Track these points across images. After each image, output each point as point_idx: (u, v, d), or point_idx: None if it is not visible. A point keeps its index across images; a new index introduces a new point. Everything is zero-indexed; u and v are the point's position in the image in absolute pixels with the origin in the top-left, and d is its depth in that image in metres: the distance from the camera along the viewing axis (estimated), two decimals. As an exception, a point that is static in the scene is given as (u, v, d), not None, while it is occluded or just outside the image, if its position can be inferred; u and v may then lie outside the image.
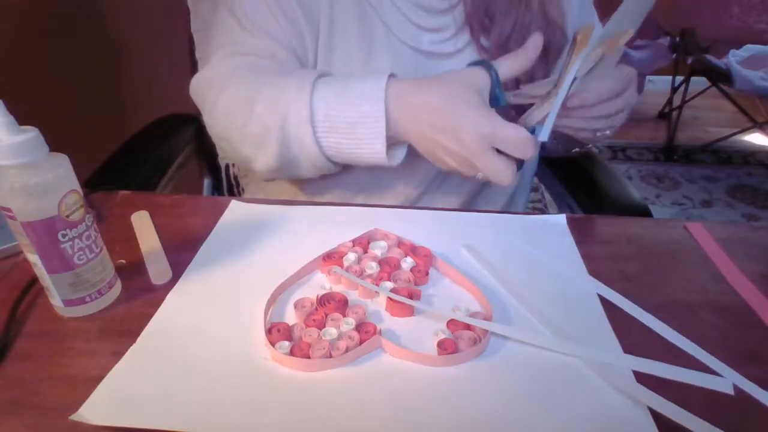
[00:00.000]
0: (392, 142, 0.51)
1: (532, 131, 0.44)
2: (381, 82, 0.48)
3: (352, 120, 0.49)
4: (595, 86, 0.48)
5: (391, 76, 0.49)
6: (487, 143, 0.44)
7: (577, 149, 0.66)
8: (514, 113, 0.50)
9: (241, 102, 0.52)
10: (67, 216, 0.37)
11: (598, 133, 0.54)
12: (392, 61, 0.58)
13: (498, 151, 0.44)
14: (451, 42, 0.60)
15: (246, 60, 0.56)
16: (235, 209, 0.54)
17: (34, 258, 0.37)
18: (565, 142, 0.64)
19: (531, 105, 0.48)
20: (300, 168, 0.54)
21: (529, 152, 0.43)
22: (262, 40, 0.57)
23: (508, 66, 0.48)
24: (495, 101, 0.48)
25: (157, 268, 0.45)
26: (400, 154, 0.52)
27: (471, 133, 0.44)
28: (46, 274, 0.38)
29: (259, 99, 0.51)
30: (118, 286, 0.43)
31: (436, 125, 0.46)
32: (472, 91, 0.46)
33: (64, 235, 0.37)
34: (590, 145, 0.65)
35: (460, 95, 0.46)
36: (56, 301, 0.39)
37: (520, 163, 0.45)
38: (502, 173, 0.44)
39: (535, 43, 0.48)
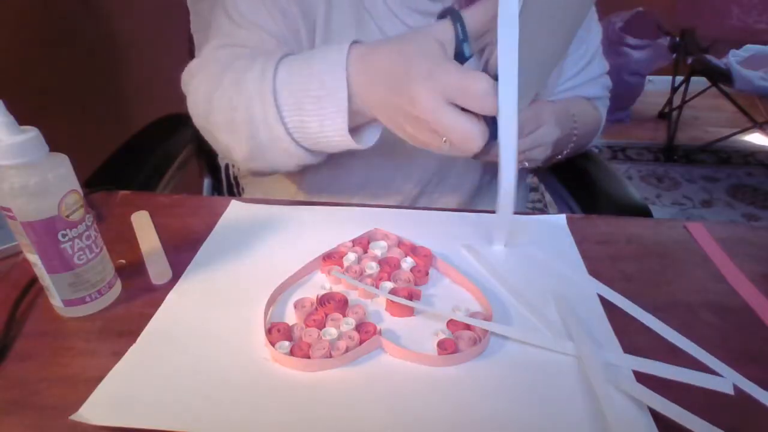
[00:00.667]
0: (362, 121, 0.47)
1: (496, 78, 0.38)
2: (343, 50, 0.44)
3: (315, 94, 0.45)
4: None
5: (355, 42, 0.45)
6: (445, 99, 0.38)
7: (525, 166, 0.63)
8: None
9: (211, 85, 0.51)
10: (67, 216, 0.37)
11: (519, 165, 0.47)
12: None
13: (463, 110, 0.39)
14: None
15: (231, 50, 0.55)
16: (235, 209, 0.54)
17: (34, 258, 0.37)
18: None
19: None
20: (275, 156, 0.51)
21: (493, 103, 0.38)
22: (252, 32, 0.55)
23: (476, 13, 0.42)
24: (461, 56, 0.42)
25: (157, 268, 0.45)
26: (370, 135, 0.49)
27: (426, 88, 0.38)
28: (46, 274, 0.38)
29: (226, 83, 0.50)
30: (118, 286, 0.43)
31: (393, 87, 0.41)
32: (431, 45, 0.41)
33: (64, 235, 0.37)
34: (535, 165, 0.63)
35: (416, 51, 0.41)
36: (56, 301, 0.39)
37: (491, 126, 0.39)
38: (468, 134, 0.39)
39: None
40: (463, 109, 0.39)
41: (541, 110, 0.56)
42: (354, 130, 0.47)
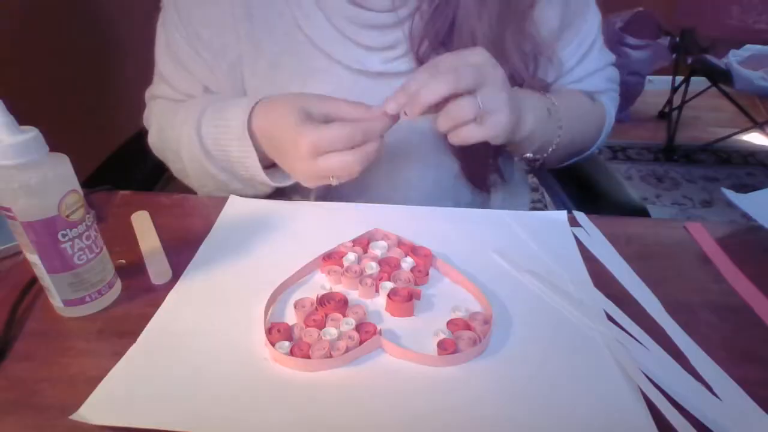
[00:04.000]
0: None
1: None
2: (245, 116, 0.51)
3: (234, 160, 0.54)
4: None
5: (259, 102, 0.51)
6: (315, 153, 0.45)
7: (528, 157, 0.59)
8: None
9: (156, 141, 0.62)
10: (67, 216, 0.37)
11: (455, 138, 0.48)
12: (333, 90, 0.52)
13: None
14: (405, 59, 0.56)
15: (164, 104, 0.62)
16: (234, 205, 0.54)
17: (34, 258, 0.37)
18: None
19: None
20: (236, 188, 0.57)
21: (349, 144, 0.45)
22: (184, 79, 0.61)
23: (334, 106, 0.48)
24: None
25: (157, 268, 0.45)
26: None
27: (300, 151, 0.46)
28: (46, 274, 0.38)
29: (165, 139, 0.59)
30: (118, 286, 0.43)
31: (274, 149, 0.51)
32: (295, 109, 0.46)
33: (64, 235, 0.37)
34: (534, 159, 0.59)
35: (283, 116, 0.47)
36: (56, 301, 0.39)
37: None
38: (345, 168, 0.46)
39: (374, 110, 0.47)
40: None
41: (490, 68, 0.46)
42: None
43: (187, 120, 0.55)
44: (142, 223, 0.51)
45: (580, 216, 0.54)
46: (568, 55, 0.63)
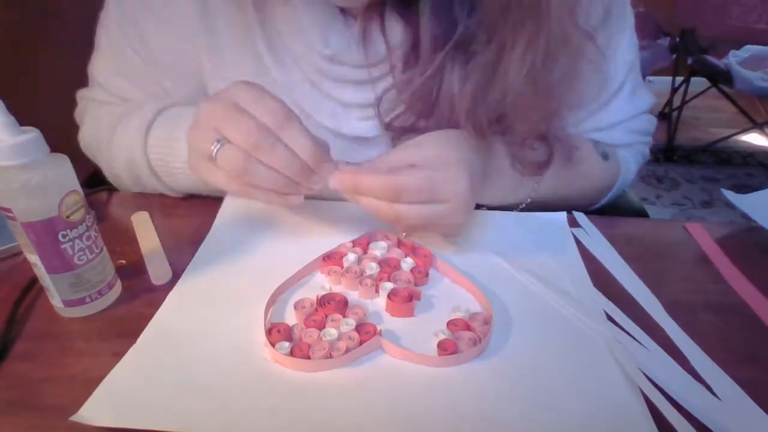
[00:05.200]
0: None
1: None
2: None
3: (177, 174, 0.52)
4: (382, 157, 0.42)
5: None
6: (236, 171, 0.40)
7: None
8: None
9: (94, 144, 0.58)
10: (68, 216, 0.37)
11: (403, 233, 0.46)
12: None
13: None
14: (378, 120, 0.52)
15: (108, 109, 0.57)
16: (231, 205, 0.54)
17: (34, 258, 0.37)
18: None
19: None
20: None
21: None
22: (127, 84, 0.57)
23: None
24: None
25: (157, 268, 0.45)
26: None
27: (223, 156, 0.40)
28: (46, 274, 0.38)
29: (104, 149, 0.55)
30: (118, 287, 0.43)
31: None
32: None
33: (64, 236, 0.37)
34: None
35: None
36: (56, 301, 0.39)
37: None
38: (230, 162, 0.39)
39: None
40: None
41: (445, 180, 0.41)
42: None
43: (129, 129, 0.52)
44: (142, 224, 0.51)
45: (579, 216, 0.54)
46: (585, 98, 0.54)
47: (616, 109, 0.57)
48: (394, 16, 0.48)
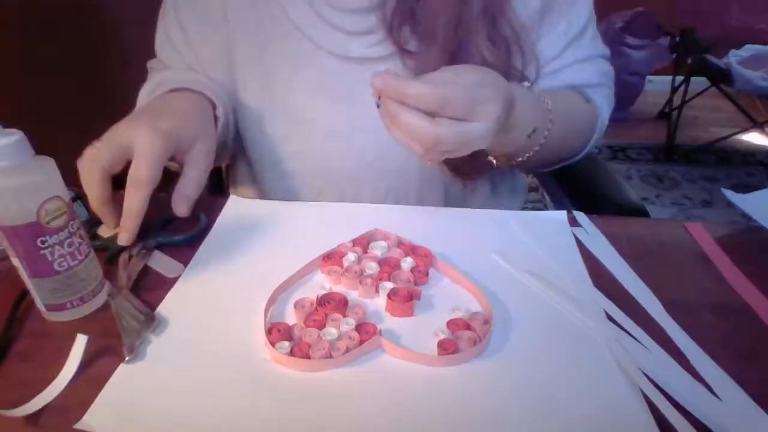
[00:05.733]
0: None
1: None
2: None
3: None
4: (415, 84, 0.41)
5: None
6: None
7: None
8: None
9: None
10: (48, 222, 0.36)
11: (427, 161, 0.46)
12: (320, 74, 0.56)
13: None
14: (382, 45, 0.56)
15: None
16: (234, 206, 0.54)
17: (16, 262, 0.37)
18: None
19: None
20: None
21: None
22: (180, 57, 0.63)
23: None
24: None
25: (165, 266, 0.45)
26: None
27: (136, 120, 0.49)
28: (27, 278, 0.38)
29: None
30: (103, 295, 0.41)
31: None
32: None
33: (43, 242, 0.36)
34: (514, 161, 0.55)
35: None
36: (39, 305, 0.39)
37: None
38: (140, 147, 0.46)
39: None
40: None
41: (484, 99, 0.42)
42: None
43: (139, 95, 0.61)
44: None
45: (580, 216, 0.54)
46: (551, 41, 0.58)
47: (584, 46, 0.60)
48: None
